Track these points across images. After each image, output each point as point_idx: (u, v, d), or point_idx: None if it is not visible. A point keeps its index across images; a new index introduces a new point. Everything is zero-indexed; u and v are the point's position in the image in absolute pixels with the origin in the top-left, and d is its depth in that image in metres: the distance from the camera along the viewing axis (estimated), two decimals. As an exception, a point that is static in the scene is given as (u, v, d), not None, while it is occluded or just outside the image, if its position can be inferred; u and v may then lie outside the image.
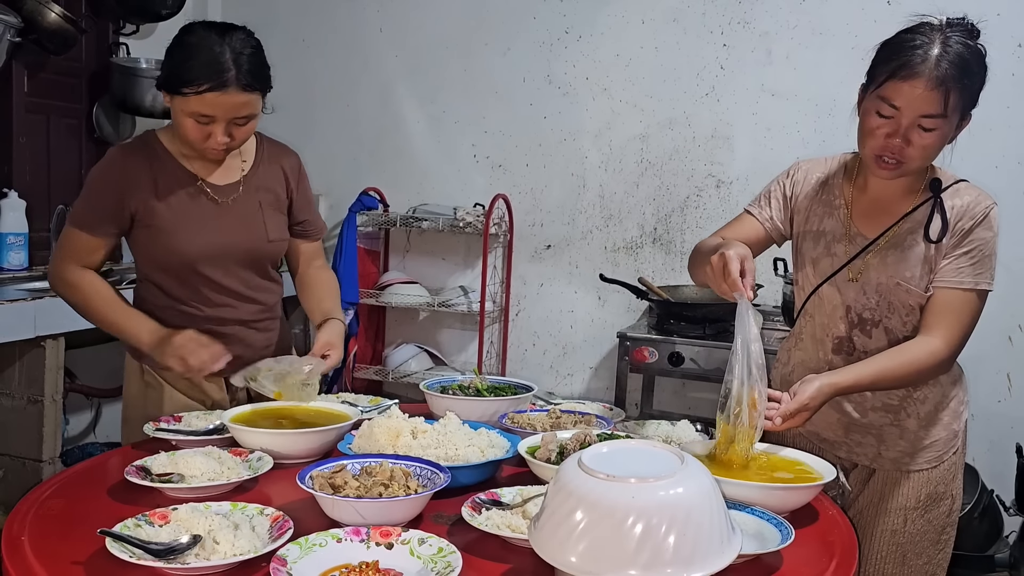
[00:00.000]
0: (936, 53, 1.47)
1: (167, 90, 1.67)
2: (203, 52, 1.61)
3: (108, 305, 1.74)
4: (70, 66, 3.32)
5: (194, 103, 1.62)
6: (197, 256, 1.76)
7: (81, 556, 1.14)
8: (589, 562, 1.00)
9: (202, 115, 1.64)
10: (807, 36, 3.14)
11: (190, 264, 1.76)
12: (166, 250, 1.75)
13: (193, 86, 1.61)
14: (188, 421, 1.69)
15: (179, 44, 1.66)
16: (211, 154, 1.73)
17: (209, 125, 1.65)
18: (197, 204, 1.77)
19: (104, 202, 1.73)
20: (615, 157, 3.42)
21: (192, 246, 1.75)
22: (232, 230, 1.79)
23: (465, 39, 3.60)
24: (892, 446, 1.69)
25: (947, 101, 1.47)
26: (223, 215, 1.79)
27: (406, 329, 3.78)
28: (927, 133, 1.50)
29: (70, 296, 1.76)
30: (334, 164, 3.83)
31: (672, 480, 1.03)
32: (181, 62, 1.63)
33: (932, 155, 1.56)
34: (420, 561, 1.13)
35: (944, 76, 1.46)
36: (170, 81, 1.65)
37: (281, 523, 1.21)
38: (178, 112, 1.66)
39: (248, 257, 1.83)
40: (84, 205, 1.76)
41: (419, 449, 1.47)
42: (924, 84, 1.47)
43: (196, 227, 1.76)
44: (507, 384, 1.97)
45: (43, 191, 3.23)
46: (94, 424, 3.47)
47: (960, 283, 1.57)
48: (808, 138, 3.16)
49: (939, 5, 2.99)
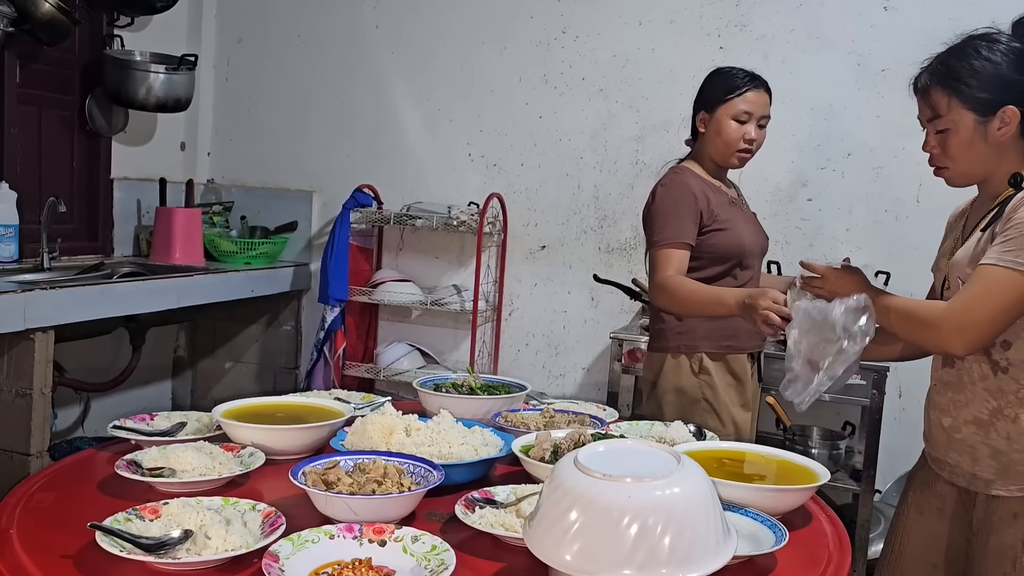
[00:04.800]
0: (926, 66, 1.62)
1: (708, 109, 2.13)
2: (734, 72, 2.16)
3: (701, 290, 1.98)
4: (63, 57, 3.30)
5: (738, 103, 2.10)
6: (747, 248, 2.16)
7: (71, 550, 1.13)
8: (584, 561, 0.99)
9: (745, 112, 2.09)
10: (804, 40, 3.15)
11: (740, 254, 2.14)
12: (727, 244, 2.11)
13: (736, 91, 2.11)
14: (158, 422, 1.66)
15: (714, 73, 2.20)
16: (741, 157, 2.13)
17: (746, 124, 2.10)
18: (735, 210, 2.19)
19: (691, 217, 2.06)
20: (610, 158, 3.42)
21: (744, 240, 2.15)
22: (757, 231, 2.23)
23: (461, 37, 3.59)
24: (985, 467, 1.57)
25: (932, 104, 1.58)
26: (750, 220, 2.23)
27: (398, 327, 3.77)
28: (941, 135, 1.59)
29: (673, 300, 2.02)
30: (328, 161, 3.82)
31: (668, 480, 1.02)
32: (721, 82, 2.15)
33: (959, 154, 1.58)
34: (413, 559, 1.12)
35: (925, 84, 1.60)
36: (714, 97, 2.13)
37: (273, 519, 1.20)
38: (721, 119, 2.11)
39: (762, 251, 2.24)
40: (676, 226, 2.04)
41: (413, 446, 1.46)
42: (917, 95, 1.63)
43: (742, 226, 2.16)
44: (500, 383, 1.97)
45: (34, 183, 3.22)
46: (83, 418, 3.44)
47: (986, 259, 1.48)
48: (803, 142, 3.17)
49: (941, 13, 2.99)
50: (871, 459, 2.63)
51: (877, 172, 3.10)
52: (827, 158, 3.16)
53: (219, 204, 3.87)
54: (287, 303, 3.82)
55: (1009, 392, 1.53)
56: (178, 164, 3.90)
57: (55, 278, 2.91)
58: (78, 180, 3.44)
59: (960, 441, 1.60)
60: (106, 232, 3.55)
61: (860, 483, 2.68)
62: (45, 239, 3.03)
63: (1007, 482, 1.54)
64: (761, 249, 2.23)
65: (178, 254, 3.46)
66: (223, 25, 3.95)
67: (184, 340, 4.00)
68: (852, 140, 3.12)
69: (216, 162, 4.01)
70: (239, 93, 3.95)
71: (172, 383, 4.01)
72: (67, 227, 3.33)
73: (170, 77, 3.35)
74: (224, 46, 3.95)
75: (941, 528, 1.67)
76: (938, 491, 1.68)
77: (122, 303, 2.87)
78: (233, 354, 3.92)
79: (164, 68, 3.34)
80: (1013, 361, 1.53)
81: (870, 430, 2.64)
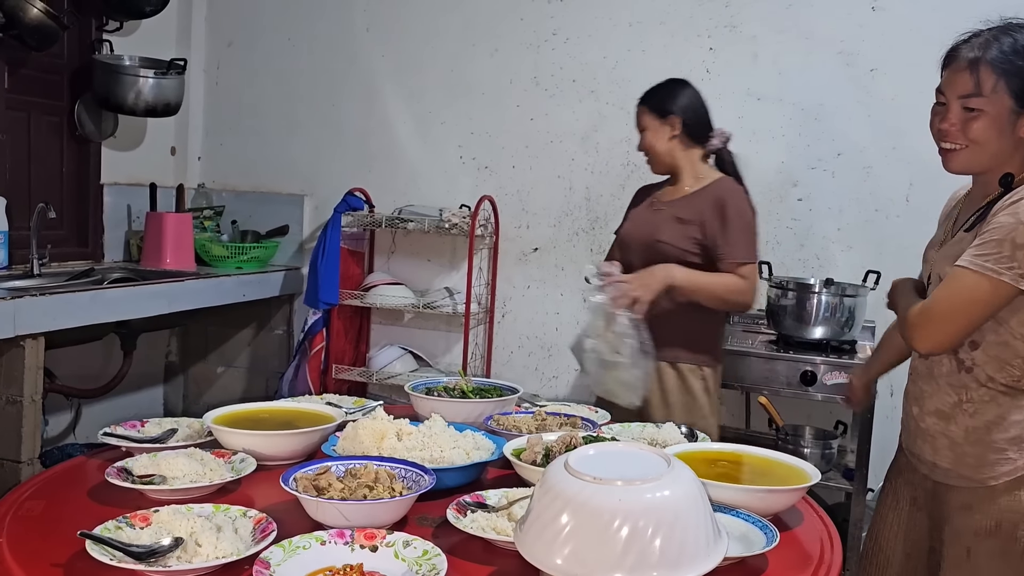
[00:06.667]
0: (975, 41, 1.52)
1: None
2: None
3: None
4: (52, 63, 3.29)
5: None
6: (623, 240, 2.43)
7: (61, 558, 1.12)
8: (575, 565, 0.99)
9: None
10: (794, 40, 3.15)
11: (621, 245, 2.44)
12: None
13: None
14: (149, 428, 1.66)
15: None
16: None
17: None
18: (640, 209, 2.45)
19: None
20: (601, 159, 3.42)
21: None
22: (644, 229, 2.41)
23: (452, 40, 3.59)
24: (943, 457, 1.61)
25: (979, 80, 1.48)
26: (647, 220, 2.42)
27: (391, 331, 3.77)
28: (968, 114, 1.51)
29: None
30: (319, 164, 3.81)
31: (659, 483, 1.02)
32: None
33: (982, 138, 1.51)
34: (405, 563, 1.12)
35: (975, 58, 1.49)
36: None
37: (264, 525, 1.20)
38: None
39: (640, 245, 2.39)
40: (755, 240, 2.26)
41: (404, 451, 1.46)
42: (957, 66, 1.52)
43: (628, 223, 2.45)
44: (492, 386, 1.96)
45: (24, 189, 3.20)
46: (74, 424, 3.43)
47: (960, 260, 1.49)
48: (793, 142, 3.17)
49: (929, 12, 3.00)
50: (863, 458, 2.64)
51: (867, 172, 3.11)
52: (817, 158, 3.17)
53: (210, 208, 3.86)
54: (279, 307, 3.82)
55: (971, 390, 1.57)
56: (168, 169, 3.89)
57: (45, 284, 2.89)
58: (68, 186, 3.42)
59: (924, 431, 1.65)
60: (96, 237, 3.54)
61: (852, 482, 2.69)
62: (35, 245, 3.01)
63: (960, 473, 1.59)
64: (638, 243, 2.35)
65: (169, 259, 3.45)
66: (213, 29, 3.94)
67: (176, 345, 3.99)
68: (842, 140, 3.13)
69: (206, 166, 4.00)
70: (229, 97, 3.95)
71: (164, 388, 4.00)
72: (57, 233, 3.32)
73: (159, 82, 3.34)
74: (214, 50, 3.95)
75: (914, 517, 1.71)
76: (912, 480, 1.72)
77: (113, 309, 2.86)
78: (225, 359, 3.91)
79: (153, 72, 3.33)
80: (978, 362, 1.56)
81: (862, 429, 2.64)
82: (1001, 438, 1.54)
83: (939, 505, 1.64)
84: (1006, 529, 1.54)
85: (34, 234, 3.01)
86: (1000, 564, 1.54)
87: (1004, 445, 1.54)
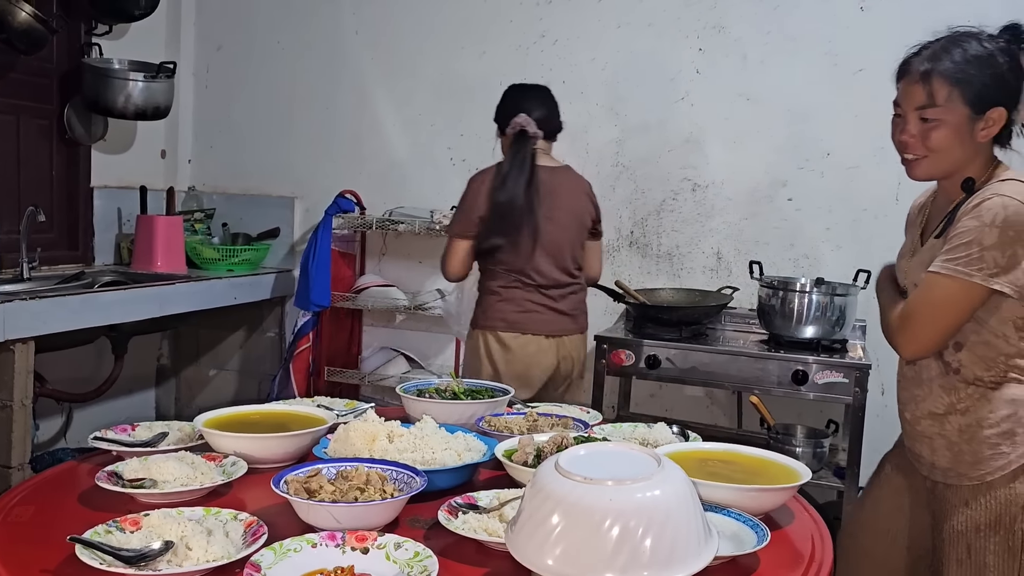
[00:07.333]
0: (926, 53, 1.56)
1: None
2: None
3: None
4: (41, 66, 3.28)
5: None
6: None
7: (51, 564, 1.12)
8: (566, 565, 0.99)
9: None
10: (781, 42, 3.17)
11: None
12: None
13: None
14: (140, 432, 1.65)
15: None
16: None
17: None
18: None
19: None
20: (591, 160, 3.42)
21: None
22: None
23: (441, 42, 3.59)
24: (941, 456, 1.64)
25: (931, 91, 1.54)
26: None
27: (382, 333, 3.77)
28: (925, 124, 1.56)
29: None
30: (310, 166, 3.81)
31: (649, 482, 1.03)
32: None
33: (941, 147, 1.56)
34: (396, 566, 1.12)
35: (927, 70, 1.54)
36: None
37: (255, 528, 1.19)
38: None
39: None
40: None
41: (395, 453, 1.46)
42: (911, 79, 1.57)
43: None
44: (484, 387, 1.96)
45: (13, 192, 3.19)
46: (65, 429, 3.42)
47: (932, 267, 1.54)
48: (781, 143, 3.19)
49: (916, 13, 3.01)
50: (855, 456, 2.65)
51: (855, 171, 3.12)
52: (805, 158, 3.18)
53: (200, 211, 3.85)
54: (270, 310, 3.81)
55: (961, 390, 1.61)
56: (159, 172, 3.89)
57: (35, 288, 2.89)
58: (57, 189, 3.41)
59: (920, 433, 1.69)
60: (86, 241, 3.53)
61: (844, 481, 2.69)
62: (24, 249, 3.01)
63: (958, 471, 1.62)
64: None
65: (160, 262, 3.44)
66: (202, 32, 3.93)
67: (167, 348, 3.98)
68: (830, 140, 3.14)
69: (197, 169, 3.99)
70: (219, 100, 3.94)
71: (156, 392, 3.99)
72: (47, 236, 3.31)
73: (149, 85, 3.34)
74: (203, 53, 3.94)
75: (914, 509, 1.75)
76: (910, 473, 1.76)
77: (103, 312, 2.85)
78: (217, 361, 3.90)
79: (143, 76, 3.32)
80: (964, 363, 1.60)
81: (853, 428, 2.65)
82: (993, 433, 1.58)
83: (940, 504, 1.67)
84: (1005, 523, 1.57)
85: (24, 238, 3.00)
86: (1001, 558, 1.57)
87: (997, 440, 1.58)
